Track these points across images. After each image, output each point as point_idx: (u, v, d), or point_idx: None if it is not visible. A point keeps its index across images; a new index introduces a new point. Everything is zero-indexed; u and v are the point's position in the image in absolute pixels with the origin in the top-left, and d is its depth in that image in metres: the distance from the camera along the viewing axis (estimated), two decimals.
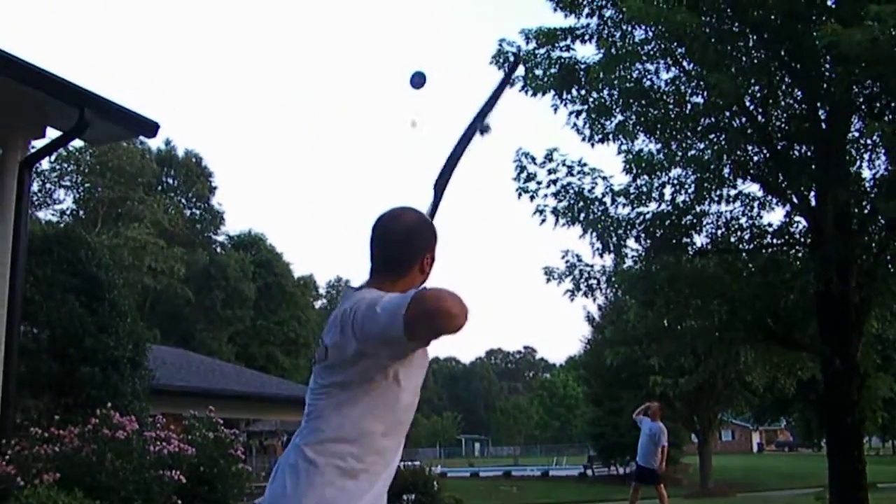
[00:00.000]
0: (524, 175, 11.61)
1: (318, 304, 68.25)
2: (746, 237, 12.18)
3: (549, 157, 11.56)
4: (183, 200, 54.28)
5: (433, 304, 2.19)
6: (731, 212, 12.08)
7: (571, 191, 11.53)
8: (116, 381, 9.39)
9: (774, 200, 12.02)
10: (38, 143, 8.44)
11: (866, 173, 11.48)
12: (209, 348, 41.89)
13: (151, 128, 8.73)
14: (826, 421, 11.30)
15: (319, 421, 2.43)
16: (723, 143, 11.30)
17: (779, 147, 11.40)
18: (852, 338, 10.83)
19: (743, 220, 12.14)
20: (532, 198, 11.69)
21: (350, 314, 2.34)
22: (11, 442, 7.62)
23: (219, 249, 53.39)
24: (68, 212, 46.13)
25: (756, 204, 12.07)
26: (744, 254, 12.36)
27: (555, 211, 11.59)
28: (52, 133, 8.38)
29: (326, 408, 2.43)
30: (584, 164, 11.60)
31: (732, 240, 12.15)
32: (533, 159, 11.62)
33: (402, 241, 2.54)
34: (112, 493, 7.36)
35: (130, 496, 7.57)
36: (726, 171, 11.59)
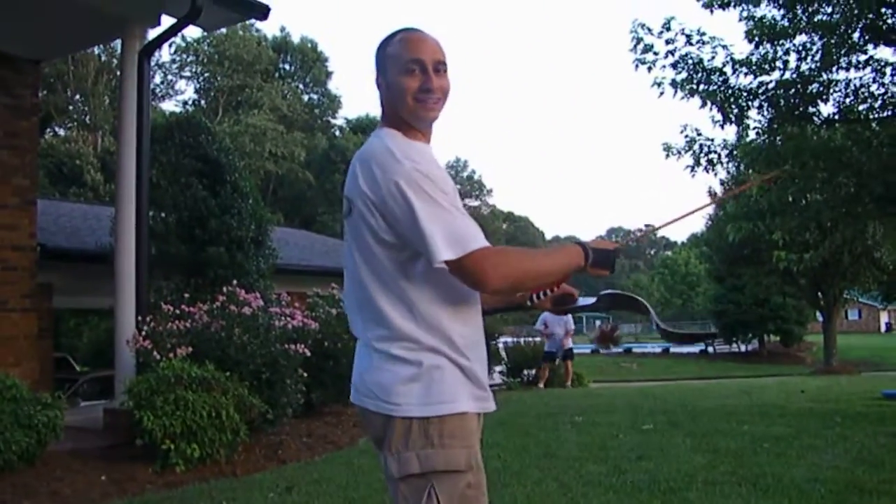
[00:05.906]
0: (640, 46, 11.29)
1: None
2: (877, 106, 11.52)
3: (666, 27, 11.17)
4: (300, 86, 54.92)
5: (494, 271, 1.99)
6: (860, 79, 11.41)
7: (690, 61, 11.16)
8: (241, 260, 9.74)
9: None
10: (154, 34, 8.65)
11: None
12: (332, 230, 42.90)
13: (263, 10, 8.86)
14: None
15: None
16: (853, 4, 10.61)
17: None
18: None
19: (874, 88, 11.45)
20: (650, 69, 11.40)
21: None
22: (147, 319, 8.10)
23: (337, 133, 54.04)
24: (190, 102, 47.41)
25: (889, 70, 11.39)
26: (874, 123, 11.74)
27: (673, 83, 11.28)
28: (167, 21, 8.57)
29: None
30: (703, 34, 11.16)
31: (862, 108, 11.52)
32: (649, 30, 11.26)
33: None
34: (241, 366, 7.74)
35: (259, 369, 7.94)
36: (856, 35, 10.93)
